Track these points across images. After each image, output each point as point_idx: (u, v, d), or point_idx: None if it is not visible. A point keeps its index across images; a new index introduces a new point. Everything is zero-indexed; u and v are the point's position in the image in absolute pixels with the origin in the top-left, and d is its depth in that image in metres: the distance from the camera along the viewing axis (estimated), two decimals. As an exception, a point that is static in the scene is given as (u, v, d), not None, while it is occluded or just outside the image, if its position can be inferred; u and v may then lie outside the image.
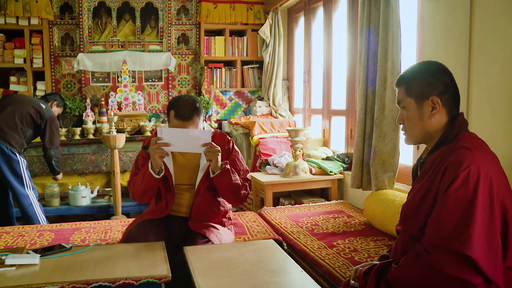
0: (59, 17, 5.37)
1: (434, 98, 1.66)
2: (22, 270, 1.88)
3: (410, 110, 1.72)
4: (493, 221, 1.45)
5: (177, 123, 2.38)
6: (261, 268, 1.93)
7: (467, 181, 1.47)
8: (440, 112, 1.67)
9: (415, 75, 1.72)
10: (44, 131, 4.11)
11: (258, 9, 5.71)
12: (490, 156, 1.62)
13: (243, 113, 5.83)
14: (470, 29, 2.62)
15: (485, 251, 1.41)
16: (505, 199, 1.51)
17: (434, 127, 1.69)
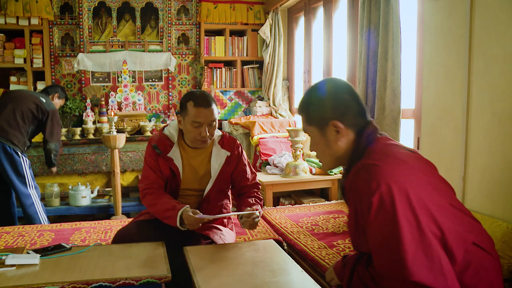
0: (59, 17, 5.37)
1: (334, 122, 1.56)
2: (22, 270, 1.88)
3: (315, 138, 1.64)
4: (423, 234, 1.36)
5: (196, 112, 2.31)
6: (261, 268, 1.93)
7: (382, 205, 1.38)
8: (345, 134, 1.57)
9: (312, 102, 1.63)
10: (45, 124, 4.07)
11: (258, 9, 5.71)
12: (403, 161, 1.50)
13: (243, 113, 5.83)
14: (470, 29, 2.62)
15: (427, 266, 1.34)
16: (427, 202, 1.41)
17: (343, 149, 1.59)
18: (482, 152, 2.57)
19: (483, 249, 1.46)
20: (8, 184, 3.96)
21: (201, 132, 2.33)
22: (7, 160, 3.84)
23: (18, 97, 4.02)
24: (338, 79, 1.68)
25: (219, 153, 2.47)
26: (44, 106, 4.05)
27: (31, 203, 3.92)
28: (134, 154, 4.99)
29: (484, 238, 1.51)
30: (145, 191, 2.43)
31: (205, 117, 2.32)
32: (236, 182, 2.55)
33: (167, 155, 2.42)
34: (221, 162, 2.46)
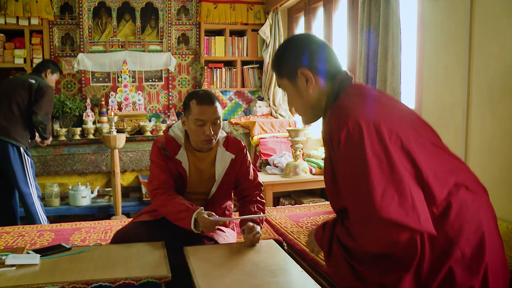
0: (59, 17, 5.37)
1: (301, 70, 1.55)
2: (22, 270, 1.88)
3: (289, 90, 1.63)
4: (394, 168, 1.31)
5: (199, 110, 2.27)
6: (261, 268, 1.92)
7: (349, 139, 1.35)
8: (316, 82, 1.56)
9: (280, 55, 1.64)
10: (36, 99, 3.99)
11: (258, 9, 5.71)
12: (375, 100, 1.48)
13: (243, 113, 5.83)
14: (470, 29, 2.62)
15: (398, 202, 1.28)
16: (403, 138, 1.36)
17: (315, 98, 1.58)
18: (482, 152, 2.57)
19: (468, 189, 1.40)
20: (12, 183, 3.96)
21: (205, 130, 2.29)
22: (11, 159, 3.83)
23: (9, 89, 3.96)
24: (307, 34, 1.68)
25: (223, 156, 2.43)
26: (35, 87, 3.97)
27: (32, 202, 3.92)
28: (134, 154, 4.99)
29: (469, 177, 1.45)
30: (155, 191, 2.36)
31: (208, 114, 2.28)
32: (239, 183, 2.52)
33: (175, 157, 2.38)
34: (225, 165, 2.42)
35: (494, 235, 1.42)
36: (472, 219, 1.37)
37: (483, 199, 1.44)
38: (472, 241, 1.35)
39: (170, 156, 2.38)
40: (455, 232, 1.34)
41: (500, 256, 1.44)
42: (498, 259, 1.41)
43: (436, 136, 1.52)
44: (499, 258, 1.42)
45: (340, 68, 1.60)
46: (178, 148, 2.40)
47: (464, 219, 1.36)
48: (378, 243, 1.35)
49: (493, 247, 1.40)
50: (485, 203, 1.45)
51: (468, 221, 1.36)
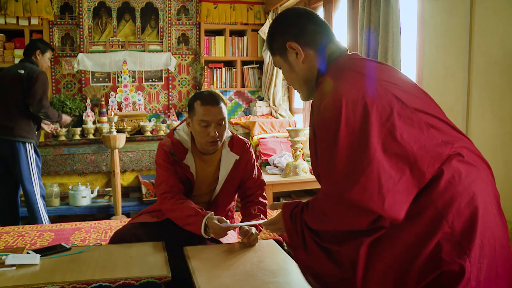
0: (59, 17, 5.37)
1: (289, 44, 1.53)
2: (22, 270, 1.88)
3: (282, 67, 1.62)
4: (367, 149, 1.26)
5: (204, 111, 2.24)
6: (261, 268, 1.92)
7: (326, 113, 1.33)
8: (306, 55, 1.53)
9: (270, 33, 1.64)
10: (28, 88, 3.87)
11: (258, 9, 5.71)
12: (362, 74, 1.42)
13: (243, 113, 5.84)
14: (470, 29, 2.62)
15: (363, 185, 1.24)
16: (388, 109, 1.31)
17: (307, 71, 1.56)
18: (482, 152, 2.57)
19: (463, 160, 1.33)
20: (16, 183, 3.97)
21: (209, 132, 2.25)
22: (19, 156, 3.82)
23: (2, 88, 3.89)
24: (299, 9, 1.65)
25: (227, 157, 2.40)
26: (26, 76, 3.86)
27: (35, 201, 3.91)
28: (134, 154, 4.99)
29: (467, 149, 1.38)
30: (164, 195, 2.31)
31: (213, 115, 2.25)
32: (243, 182, 2.50)
33: (183, 162, 2.35)
34: (229, 167, 2.40)
35: (492, 213, 1.33)
36: (464, 192, 1.28)
37: (481, 173, 1.36)
38: (463, 216, 1.26)
39: (178, 161, 2.34)
40: (443, 204, 1.26)
41: (499, 236, 1.32)
42: (495, 240, 1.30)
43: (432, 106, 1.45)
44: (496, 238, 1.31)
45: (331, 39, 1.57)
46: (185, 152, 2.37)
47: (455, 190, 1.27)
48: (342, 222, 1.33)
49: (490, 226, 1.29)
50: (484, 177, 1.36)
51: (460, 194, 1.27)
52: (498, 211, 1.36)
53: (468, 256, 1.22)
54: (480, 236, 1.26)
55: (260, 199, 2.49)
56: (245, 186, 2.50)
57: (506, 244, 1.33)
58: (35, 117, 3.99)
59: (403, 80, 1.49)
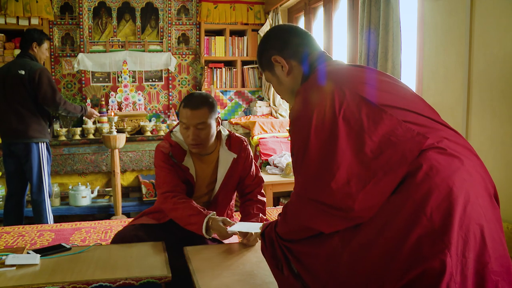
0: (59, 17, 5.37)
1: (275, 57, 1.60)
2: (23, 270, 1.88)
3: (272, 81, 1.68)
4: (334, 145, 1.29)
5: (183, 113, 2.24)
6: (261, 268, 1.92)
7: (299, 114, 1.39)
8: (290, 67, 1.60)
9: (258, 51, 1.71)
10: (35, 90, 3.83)
11: (258, 9, 5.71)
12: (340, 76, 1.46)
13: (243, 113, 5.84)
14: (470, 29, 2.62)
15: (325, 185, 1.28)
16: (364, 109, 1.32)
17: (293, 82, 1.62)
18: (482, 152, 2.57)
19: (443, 152, 1.30)
20: (25, 182, 3.99)
21: (189, 134, 2.25)
22: (32, 156, 3.84)
23: (6, 92, 3.86)
24: (284, 25, 1.72)
25: (225, 156, 2.40)
26: (28, 77, 3.81)
27: (43, 199, 3.92)
28: (134, 154, 4.99)
29: (450, 141, 1.34)
30: (166, 194, 2.29)
31: (190, 118, 2.23)
32: (241, 180, 2.51)
33: (183, 163, 2.35)
34: (227, 166, 2.40)
35: (478, 205, 1.28)
36: (442, 183, 1.24)
37: (465, 164, 1.31)
38: (442, 208, 1.23)
39: (177, 163, 2.34)
40: (421, 197, 1.23)
41: (490, 230, 1.27)
42: (483, 233, 1.25)
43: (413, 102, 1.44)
44: (486, 232, 1.26)
45: (315, 49, 1.62)
46: (184, 153, 2.36)
47: (432, 182, 1.24)
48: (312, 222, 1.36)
49: (475, 218, 1.25)
50: (469, 168, 1.31)
51: (437, 185, 1.24)
52: (489, 204, 1.33)
53: (448, 250, 1.19)
54: (463, 229, 1.22)
55: (258, 197, 2.49)
56: (243, 183, 2.50)
57: (499, 239, 1.30)
58: (45, 115, 3.99)
59: (381, 79, 1.51)
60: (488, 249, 1.25)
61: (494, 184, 1.39)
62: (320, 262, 1.40)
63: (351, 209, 1.26)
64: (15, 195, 4.01)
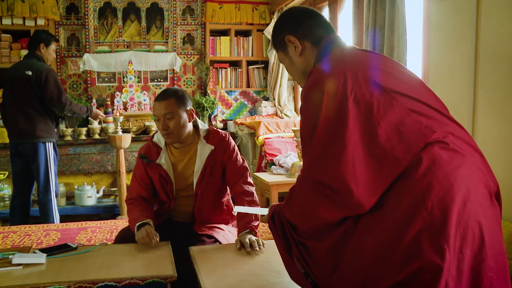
0: (65, 18, 5.39)
1: (288, 37, 1.60)
2: (29, 269, 1.89)
3: (284, 61, 1.69)
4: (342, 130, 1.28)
5: (154, 106, 2.39)
6: (266, 268, 1.93)
7: (310, 96, 1.38)
8: (303, 47, 1.60)
9: (273, 31, 1.71)
10: (41, 90, 3.88)
11: (263, 9, 5.71)
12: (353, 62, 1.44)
13: (248, 113, 5.84)
14: (476, 30, 2.61)
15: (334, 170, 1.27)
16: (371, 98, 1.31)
17: (305, 63, 1.61)
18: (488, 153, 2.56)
19: (446, 147, 1.29)
20: (32, 182, 4.01)
21: (159, 126, 2.37)
22: (39, 155, 3.86)
23: (14, 93, 3.91)
24: (299, 7, 1.72)
25: (203, 149, 2.44)
26: (35, 77, 3.85)
27: (49, 198, 3.95)
28: (140, 154, 5.00)
29: (455, 137, 1.34)
30: (128, 201, 2.49)
31: (158, 109, 2.36)
32: (225, 170, 2.49)
33: (156, 162, 2.43)
34: (204, 158, 2.43)
35: (478, 202, 1.28)
36: (444, 178, 1.25)
37: (468, 160, 1.31)
38: (443, 203, 1.23)
39: (150, 162, 2.45)
40: (422, 190, 1.24)
41: (488, 227, 1.27)
42: (481, 230, 1.25)
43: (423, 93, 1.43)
44: (484, 229, 1.26)
45: (328, 32, 1.62)
46: (159, 151, 2.46)
47: (434, 176, 1.24)
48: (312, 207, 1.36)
49: (474, 215, 1.25)
50: (471, 165, 1.31)
51: (439, 180, 1.24)
52: (489, 202, 1.32)
53: (447, 245, 1.20)
54: (461, 225, 1.23)
55: (245, 188, 2.44)
56: (226, 175, 2.49)
57: (497, 237, 1.29)
58: (52, 115, 4.03)
59: (395, 68, 1.50)
60: (486, 246, 1.25)
61: (497, 182, 1.39)
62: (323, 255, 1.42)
63: (351, 193, 1.25)
64: (21, 194, 4.03)
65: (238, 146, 5.34)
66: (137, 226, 2.26)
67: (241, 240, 2.19)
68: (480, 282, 1.23)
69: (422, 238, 1.21)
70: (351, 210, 1.30)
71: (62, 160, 4.79)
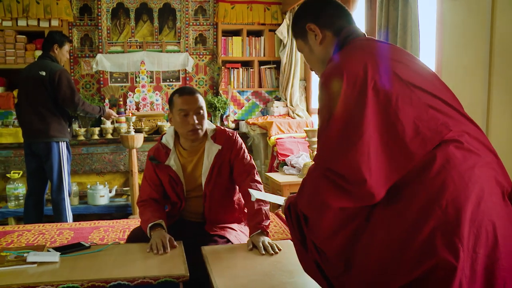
0: (78, 19, 5.44)
1: (308, 25, 1.59)
2: (43, 267, 1.91)
3: (303, 49, 1.67)
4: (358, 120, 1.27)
5: (182, 100, 2.35)
6: (279, 268, 1.92)
7: (327, 86, 1.36)
8: (324, 36, 1.58)
9: (293, 18, 1.70)
10: (56, 90, 3.91)
11: (275, 9, 5.71)
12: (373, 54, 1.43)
13: (260, 113, 5.84)
14: (491, 29, 2.58)
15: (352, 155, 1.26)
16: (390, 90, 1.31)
17: (325, 52, 1.60)
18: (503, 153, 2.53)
19: (460, 146, 1.29)
20: (45, 181, 4.06)
21: (189, 120, 2.34)
22: (51, 155, 3.91)
23: (28, 92, 3.95)
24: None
25: (211, 148, 2.44)
26: (46, 77, 3.88)
27: (62, 197, 3.99)
28: (152, 154, 5.02)
29: (470, 136, 1.33)
30: (139, 203, 2.50)
31: (190, 103, 2.35)
32: (233, 169, 2.49)
33: (165, 163, 2.43)
34: (211, 157, 2.43)
35: (492, 202, 1.27)
36: (459, 177, 1.25)
37: (482, 160, 1.31)
38: (457, 202, 1.22)
39: (159, 164, 2.44)
40: (436, 189, 1.24)
41: (501, 227, 1.25)
42: (495, 230, 1.24)
43: (440, 89, 1.43)
44: (498, 229, 1.25)
45: (350, 22, 1.61)
46: (168, 153, 2.46)
47: (448, 175, 1.24)
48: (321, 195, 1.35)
49: (488, 214, 1.24)
50: (485, 165, 1.31)
51: (453, 179, 1.24)
52: (503, 202, 1.31)
53: (461, 245, 1.19)
54: (475, 224, 1.22)
55: (253, 186, 2.42)
56: (234, 172, 2.49)
57: (510, 236, 1.28)
58: (65, 115, 4.07)
59: (414, 61, 1.50)
60: (499, 246, 1.24)
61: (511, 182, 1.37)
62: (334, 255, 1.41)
63: (364, 183, 1.24)
64: (35, 193, 4.07)
65: (250, 146, 5.34)
66: (149, 227, 2.27)
67: (253, 242, 2.18)
68: (494, 282, 1.23)
69: (436, 237, 1.21)
70: (361, 200, 1.29)
71: (75, 159, 4.82)
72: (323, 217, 1.43)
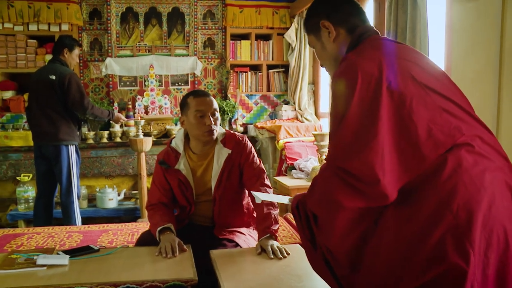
0: (88, 23, 5.48)
1: (322, 22, 1.58)
2: (52, 270, 1.92)
3: (316, 46, 1.65)
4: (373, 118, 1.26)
5: (198, 102, 2.36)
6: (287, 272, 1.92)
7: (342, 84, 1.35)
8: (337, 34, 1.57)
9: (307, 14, 1.69)
10: (66, 94, 3.93)
11: (284, 13, 5.71)
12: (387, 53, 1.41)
13: (268, 117, 5.84)
14: (501, 33, 2.57)
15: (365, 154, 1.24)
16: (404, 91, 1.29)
17: (337, 50, 1.58)
18: (513, 157, 2.52)
19: (472, 151, 1.28)
20: (54, 184, 4.08)
21: (205, 121, 2.34)
22: (60, 158, 3.93)
23: (38, 96, 3.99)
24: None
25: (220, 152, 2.44)
26: (56, 81, 3.91)
27: (71, 201, 4.02)
28: (160, 158, 5.04)
29: (482, 140, 1.33)
30: (148, 207, 2.50)
31: (207, 105, 2.36)
32: (242, 173, 2.48)
33: (175, 167, 2.43)
34: (221, 161, 2.43)
35: (503, 207, 1.26)
36: (470, 182, 1.24)
37: (493, 165, 1.30)
38: (468, 206, 1.22)
39: (169, 168, 2.44)
40: (447, 193, 1.23)
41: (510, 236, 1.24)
42: (506, 234, 1.23)
43: (454, 92, 1.43)
44: (509, 233, 1.24)
45: (364, 21, 1.60)
46: (178, 157, 2.45)
47: (459, 179, 1.24)
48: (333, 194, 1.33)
49: (499, 219, 1.23)
50: (496, 169, 1.30)
51: (465, 183, 1.24)
52: None
53: (472, 249, 1.18)
54: (486, 229, 1.21)
55: (262, 190, 2.41)
56: (244, 176, 2.48)
57: None
58: (75, 118, 4.10)
59: (426, 62, 1.49)
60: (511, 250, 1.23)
61: None
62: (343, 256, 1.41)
63: (377, 182, 1.23)
64: (45, 196, 4.10)
65: (259, 150, 5.34)
66: (158, 230, 2.28)
67: (262, 246, 2.18)
68: (506, 286, 1.22)
69: (446, 241, 1.20)
70: (374, 200, 1.28)
71: (84, 162, 4.85)
72: (334, 216, 1.42)
